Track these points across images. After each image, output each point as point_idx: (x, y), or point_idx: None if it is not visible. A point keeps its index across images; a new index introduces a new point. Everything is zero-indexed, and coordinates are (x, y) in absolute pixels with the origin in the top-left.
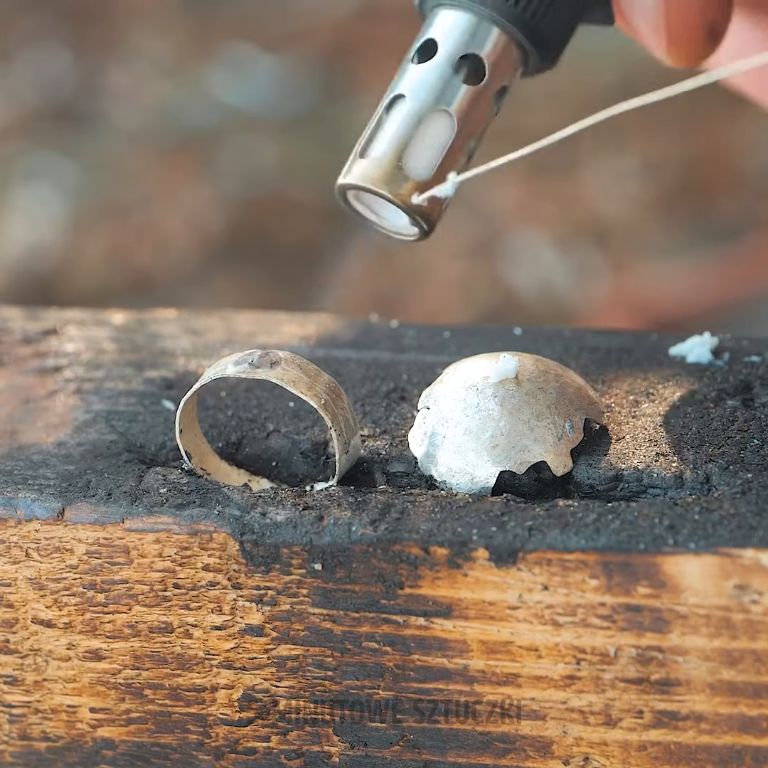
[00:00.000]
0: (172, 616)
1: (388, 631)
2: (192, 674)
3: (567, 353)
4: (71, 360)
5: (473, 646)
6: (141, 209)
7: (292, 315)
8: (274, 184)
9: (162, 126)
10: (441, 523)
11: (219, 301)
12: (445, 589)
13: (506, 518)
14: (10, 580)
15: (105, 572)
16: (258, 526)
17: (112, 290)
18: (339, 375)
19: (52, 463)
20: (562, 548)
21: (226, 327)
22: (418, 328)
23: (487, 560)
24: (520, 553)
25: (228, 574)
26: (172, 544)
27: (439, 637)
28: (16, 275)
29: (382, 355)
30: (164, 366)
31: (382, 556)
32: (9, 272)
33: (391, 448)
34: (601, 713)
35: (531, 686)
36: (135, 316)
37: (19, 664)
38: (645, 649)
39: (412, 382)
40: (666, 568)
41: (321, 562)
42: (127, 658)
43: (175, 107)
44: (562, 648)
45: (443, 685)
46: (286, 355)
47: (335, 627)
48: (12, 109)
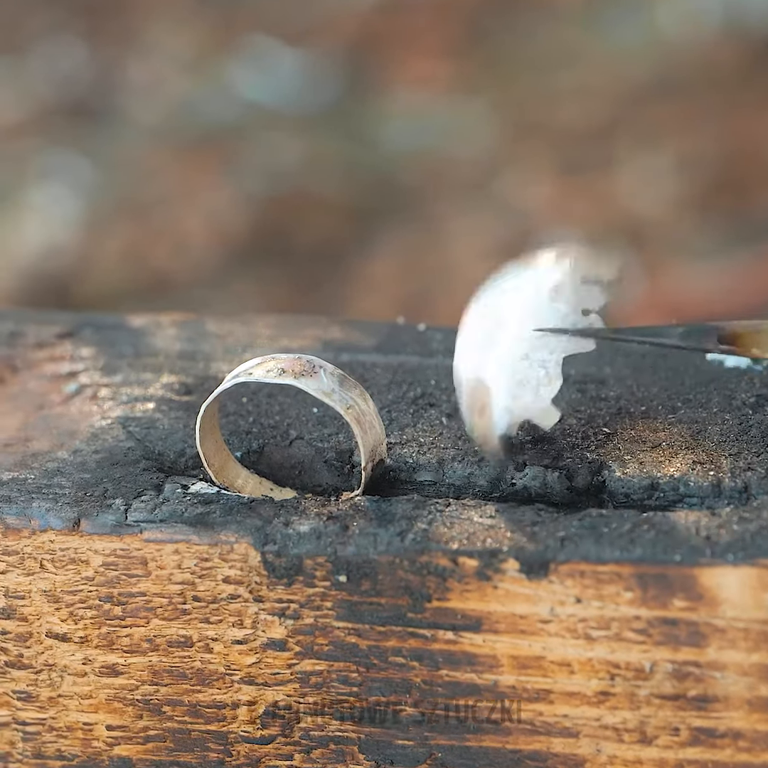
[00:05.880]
0: (191, 630)
1: (415, 646)
2: (212, 690)
3: (601, 357)
4: (87, 365)
5: (503, 661)
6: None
7: (316, 318)
8: (296, 182)
9: (181, 122)
10: (470, 534)
11: (240, 303)
12: (474, 602)
13: (537, 528)
14: (24, 592)
15: (122, 584)
16: (280, 537)
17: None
18: (364, 380)
19: (68, 471)
20: (595, 559)
21: (247, 330)
22: (447, 331)
23: (517, 572)
24: (552, 565)
25: (249, 587)
26: (191, 555)
27: (468, 651)
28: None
29: (409, 360)
30: (183, 370)
31: (409, 567)
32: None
33: (419, 456)
34: (636, 730)
35: (563, 702)
36: (153, 318)
37: (33, 679)
38: (681, 664)
39: (440, 387)
40: (703, 580)
41: (346, 574)
42: (145, 674)
43: (195, 103)
44: (595, 663)
45: (473, 701)
46: (311, 359)
47: (360, 641)
48: (26, 105)
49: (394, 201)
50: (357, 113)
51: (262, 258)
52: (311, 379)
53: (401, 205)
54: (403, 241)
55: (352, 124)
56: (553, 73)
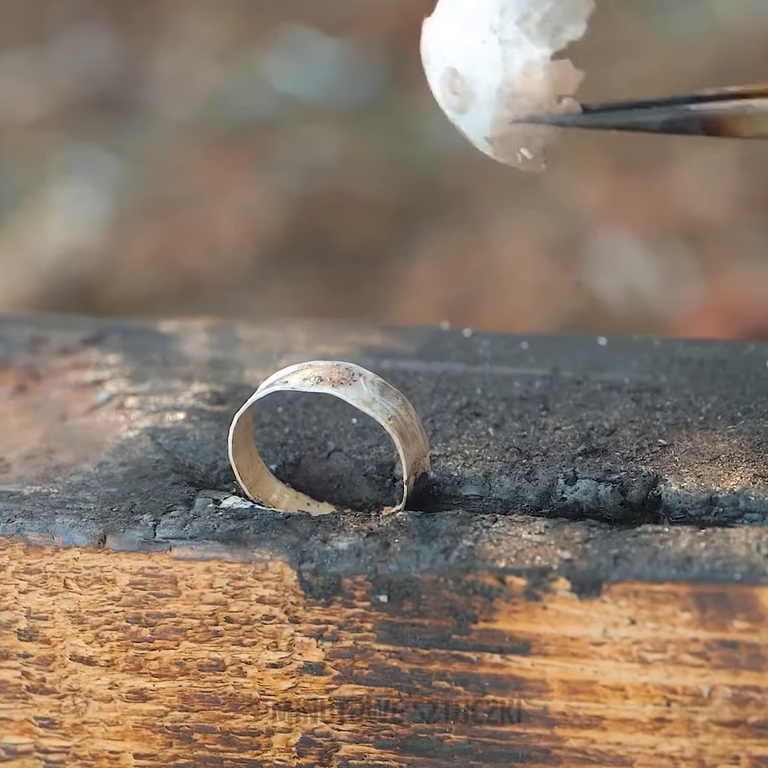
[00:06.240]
0: (223, 653)
1: (460, 670)
2: (246, 716)
3: (656, 365)
4: (113, 372)
5: (553, 686)
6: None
7: (355, 322)
8: (334, 180)
9: (213, 116)
10: (518, 551)
11: (274, 306)
12: (522, 624)
13: (589, 546)
14: (47, 613)
15: (150, 605)
16: (318, 554)
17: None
18: (406, 389)
19: (93, 485)
20: (650, 578)
21: (282, 336)
22: (494, 338)
23: (568, 591)
24: (605, 584)
25: (285, 607)
26: (223, 574)
27: (516, 675)
28: (53, 279)
29: (453, 367)
30: (215, 379)
31: (454, 587)
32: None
33: (464, 469)
34: (694, 759)
35: (617, 729)
36: (183, 323)
37: (57, 705)
38: (741, 688)
39: (486, 396)
40: (765, 600)
41: (387, 594)
42: (175, 699)
43: (227, 95)
44: (650, 688)
45: (521, 728)
46: (350, 367)
47: (402, 665)
48: (48, 98)
49: (437, 200)
50: (398, 107)
51: (297, 259)
52: (350, 387)
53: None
54: (447, 242)
55: (393, 118)
56: (607, 66)
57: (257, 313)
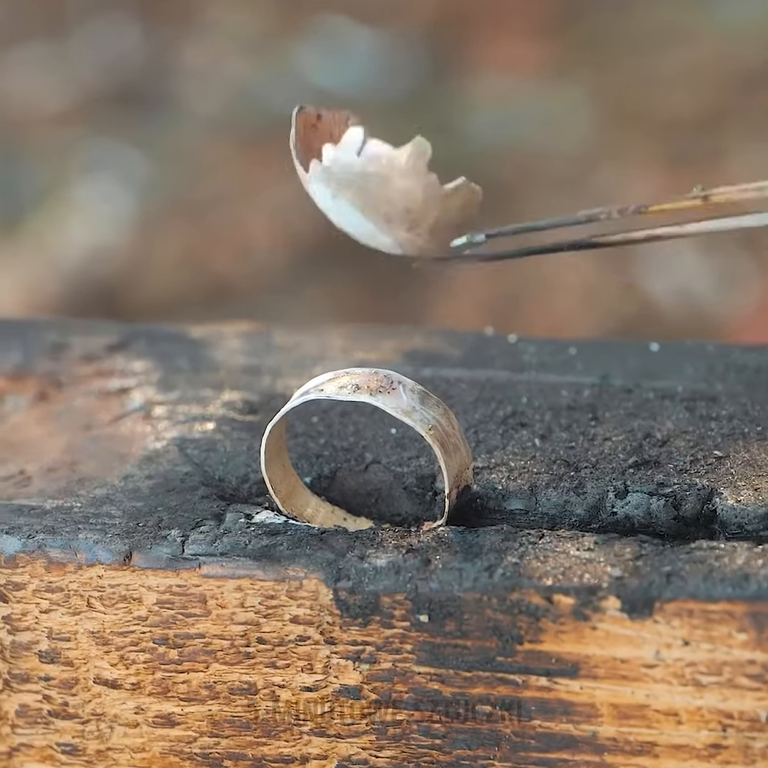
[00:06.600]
0: (255, 676)
1: (504, 693)
2: (279, 742)
3: (711, 372)
4: (140, 380)
5: (603, 710)
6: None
7: (394, 327)
8: None
9: (242, 111)
10: (566, 568)
11: (309, 311)
12: (570, 645)
13: (641, 563)
14: (70, 634)
15: (178, 625)
16: (355, 572)
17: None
18: (448, 397)
19: (118, 499)
20: (705, 597)
21: (317, 342)
22: (540, 343)
23: (618, 611)
24: (657, 603)
25: (320, 627)
26: (255, 592)
27: (563, 699)
28: (76, 282)
29: (498, 375)
30: (247, 387)
31: (498, 606)
32: (67, 278)
33: (509, 482)
34: None
35: (670, 756)
36: (213, 329)
37: (80, 730)
38: None
39: (533, 405)
40: None
41: (428, 613)
42: (204, 724)
43: (258, 89)
44: (705, 712)
45: (569, 755)
46: (389, 374)
47: (444, 688)
48: (70, 91)
49: None
50: (439, 101)
51: (332, 261)
52: (389, 396)
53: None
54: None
55: (433, 112)
56: (656, 55)
57: (291, 318)
